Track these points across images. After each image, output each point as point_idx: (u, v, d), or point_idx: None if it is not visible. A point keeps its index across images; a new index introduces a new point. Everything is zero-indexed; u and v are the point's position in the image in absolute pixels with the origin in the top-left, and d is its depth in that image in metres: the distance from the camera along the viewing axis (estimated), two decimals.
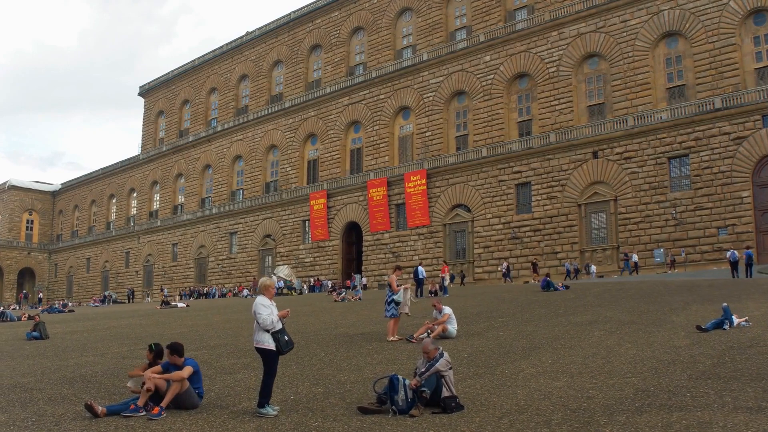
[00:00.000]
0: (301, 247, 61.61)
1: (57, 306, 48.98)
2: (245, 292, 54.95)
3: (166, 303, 39.14)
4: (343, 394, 8.92)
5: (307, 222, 61.46)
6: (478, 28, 54.34)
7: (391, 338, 14.24)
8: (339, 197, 59.05)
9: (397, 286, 14.48)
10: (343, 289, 41.98)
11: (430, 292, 31.17)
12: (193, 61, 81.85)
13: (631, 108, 44.25)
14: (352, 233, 59.16)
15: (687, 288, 23.44)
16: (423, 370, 7.88)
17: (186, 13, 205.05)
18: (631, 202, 42.46)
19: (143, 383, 8.94)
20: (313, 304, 31.92)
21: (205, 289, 63.11)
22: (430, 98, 55.12)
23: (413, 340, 13.76)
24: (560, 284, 28.25)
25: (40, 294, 76.27)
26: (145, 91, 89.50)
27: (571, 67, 47.52)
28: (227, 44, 77.37)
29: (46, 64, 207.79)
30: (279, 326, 7.92)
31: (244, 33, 75.86)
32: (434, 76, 55.18)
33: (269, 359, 7.95)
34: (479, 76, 52.26)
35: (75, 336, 21.86)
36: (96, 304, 59.69)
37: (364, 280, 50.69)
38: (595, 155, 44.54)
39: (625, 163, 43.09)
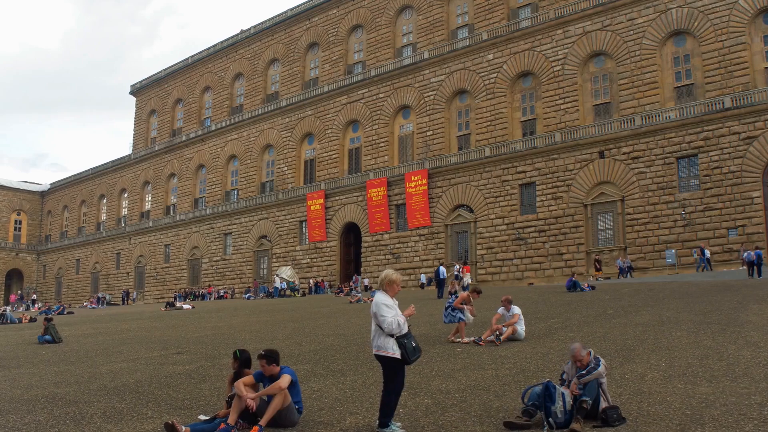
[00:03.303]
0: (297, 248, 60.37)
1: (52, 311, 47.04)
2: (247, 294, 53.59)
3: (170, 304, 37.80)
4: (460, 405, 7.91)
5: (304, 223, 60.25)
6: (481, 26, 53.65)
7: (462, 340, 13.39)
8: (337, 197, 57.96)
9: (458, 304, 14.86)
10: (358, 291, 41.01)
11: (450, 293, 30.36)
12: (186, 59, 79.86)
13: (638, 107, 43.77)
14: (351, 234, 58.09)
15: (723, 288, 22.78)
16: (584, 372, 6.91)
17: (169, 14, 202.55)
18: (638, 203, 41.95)
19: (229, 397, 7.94)
20: (328, 305, 30.88)
21: (201, 290, 61.59)
22: (431, 97, 54.29)
23: (481, 343, 12.89)
24: (586, 284, 27.59)
25: (34, 295, 74.06)
26: (137, 90, 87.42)
27: (576, 66, 46.99)
28: (221, 42, 75.60)
29: (30, 65, 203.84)
30: (405, 329, 6.89)
31: (239, 31, 74.33)
32: (435, 74, 54.37)
33: (392, 369, 6.81)
34: (482, 74, 51.55)
35: (89, 339, 20.69)
36: (93, 305, 58.01)
37: (367, 281, 49.64)
38: (601, 155, 44.01)
39: (632, 163, 42.59)
